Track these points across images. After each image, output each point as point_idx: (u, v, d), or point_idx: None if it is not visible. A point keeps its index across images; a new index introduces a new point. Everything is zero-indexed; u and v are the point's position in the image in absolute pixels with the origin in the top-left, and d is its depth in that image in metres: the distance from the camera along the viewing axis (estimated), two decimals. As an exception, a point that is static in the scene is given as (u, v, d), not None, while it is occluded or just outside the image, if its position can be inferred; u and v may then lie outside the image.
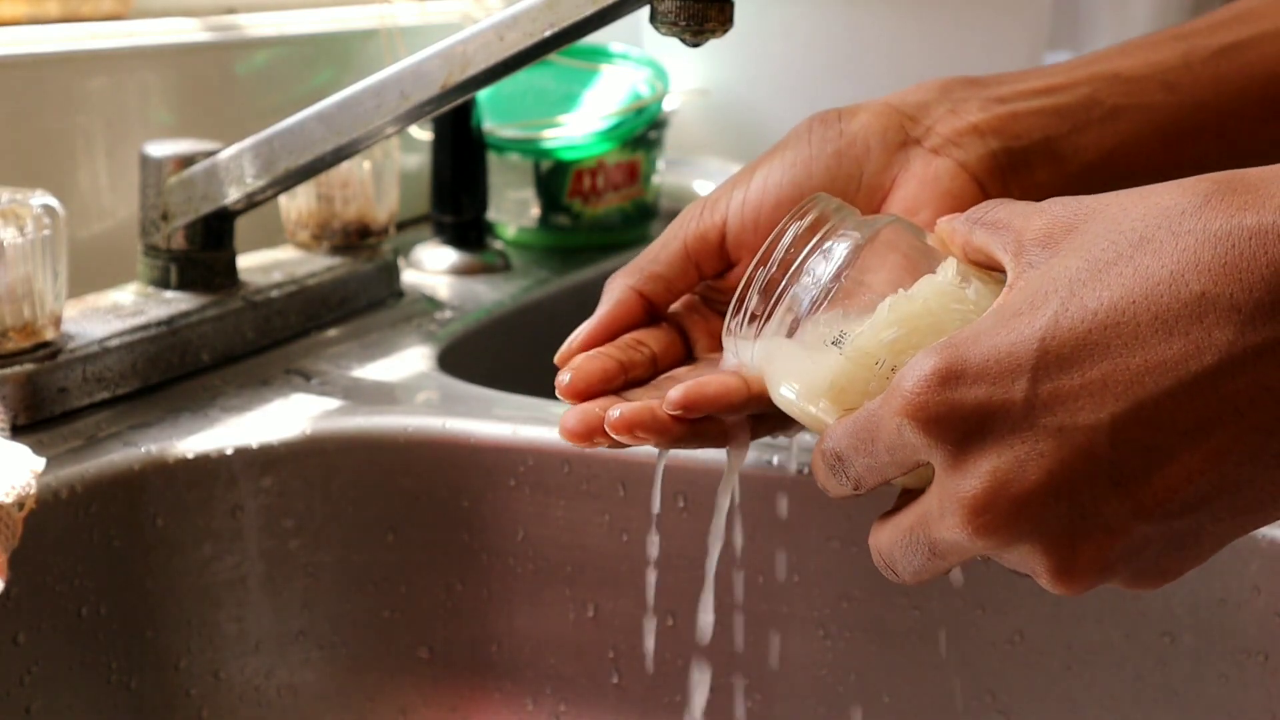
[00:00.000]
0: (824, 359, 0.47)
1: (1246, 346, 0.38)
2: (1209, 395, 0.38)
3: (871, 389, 0.46)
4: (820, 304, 0.48)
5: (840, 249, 0.49)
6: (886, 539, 0.46)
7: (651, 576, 0.69)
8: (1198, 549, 0.42)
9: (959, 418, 0.40)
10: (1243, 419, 0.38)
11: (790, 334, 0.49)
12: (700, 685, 0.67)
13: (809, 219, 0.50)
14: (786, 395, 0.49)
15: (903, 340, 0.46)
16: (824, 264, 0.49)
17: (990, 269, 0.46)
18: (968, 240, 0.47)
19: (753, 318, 0.50)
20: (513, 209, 1.22)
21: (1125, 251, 0.40)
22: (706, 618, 0.61)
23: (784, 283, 0.49)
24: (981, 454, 0.40)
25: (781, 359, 0.49)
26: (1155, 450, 0.39)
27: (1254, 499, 0.40)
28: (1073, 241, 0.42)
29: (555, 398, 0.82)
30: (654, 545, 0.70)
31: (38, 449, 0.65)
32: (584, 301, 1.17)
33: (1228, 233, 0.38)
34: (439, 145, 1.13)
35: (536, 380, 0.99)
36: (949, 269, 0.47)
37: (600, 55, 1.27)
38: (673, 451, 0.61)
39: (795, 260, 0.49)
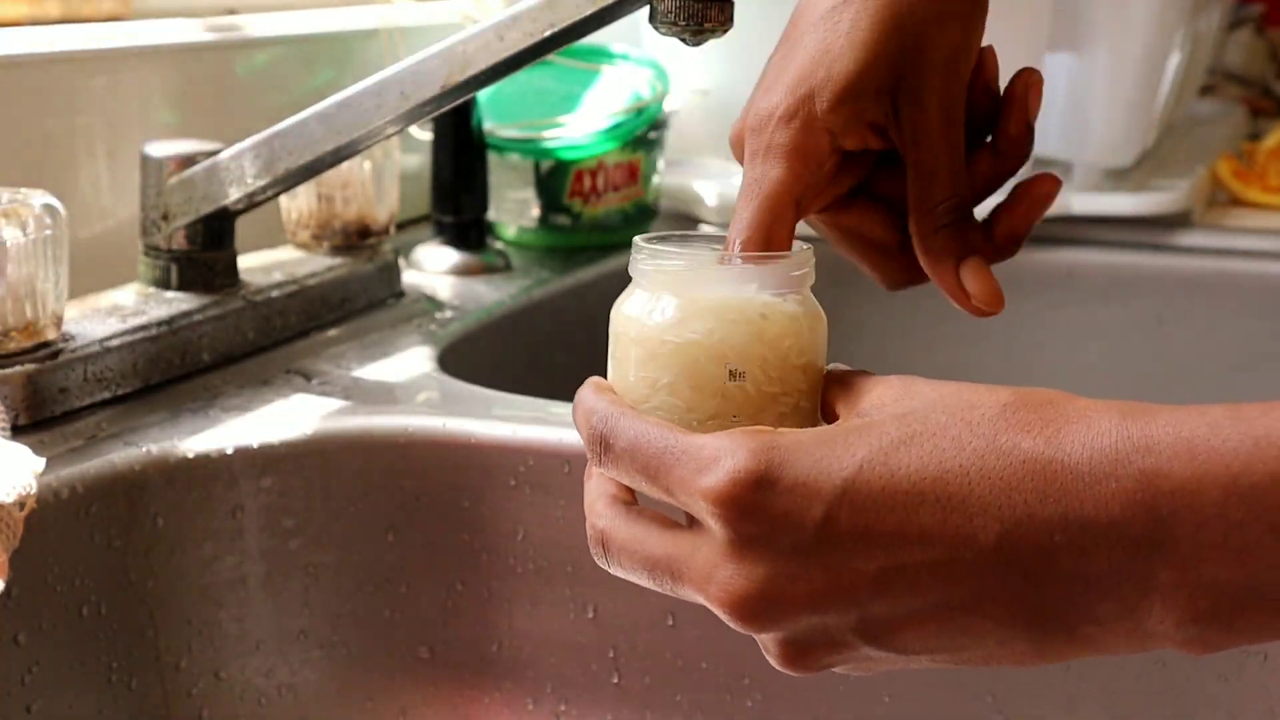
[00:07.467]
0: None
1: (1001, 552, 0.43)
2: (960, 581, 0.44)
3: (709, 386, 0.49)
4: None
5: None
6: (626, 540, 0.49)
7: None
8: (907, 666, 0.47)
9: (758, 519, 0.44)
10: (981, 607, 0.44)
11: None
12: None
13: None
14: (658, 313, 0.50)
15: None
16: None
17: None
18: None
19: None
20: (513, 209, 1.22)
21: (931, 430, 0.45)
22: None
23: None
24: (761, 556, 0.45)
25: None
26: (904, 609, 0.44)
27: (963, 658, 0.46)
28: (896, 407, 0.47)
29: (555, 398, 0.83)
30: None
31: (38, 449, 0.65)
32: (584, 301, 1.17)
33: (1009, 450, 0.43)
34: (439, 145, 1.13)
35: (536, 380, 0.99)
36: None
37: (601, 55, 1.26)
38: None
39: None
